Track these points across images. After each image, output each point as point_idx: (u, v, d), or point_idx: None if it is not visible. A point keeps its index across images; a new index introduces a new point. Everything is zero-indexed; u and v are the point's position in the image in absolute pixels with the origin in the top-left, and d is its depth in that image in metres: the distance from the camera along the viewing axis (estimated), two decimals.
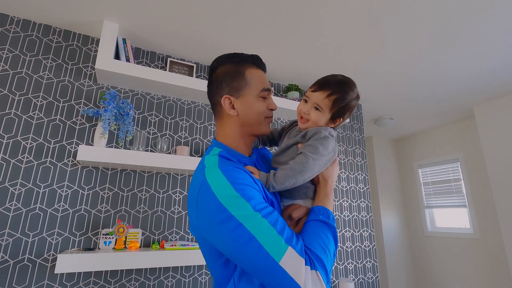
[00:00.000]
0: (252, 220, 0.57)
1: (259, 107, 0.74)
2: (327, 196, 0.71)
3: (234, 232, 0.57)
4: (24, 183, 1.51)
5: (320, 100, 0.74)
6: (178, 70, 1.98)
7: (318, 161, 0.69)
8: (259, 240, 0.55)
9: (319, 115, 0.75)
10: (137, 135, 1.71)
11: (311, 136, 0.72)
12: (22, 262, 1.43)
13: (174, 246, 1.59)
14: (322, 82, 0.76)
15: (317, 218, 0.65)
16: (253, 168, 0.69)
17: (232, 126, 0.75)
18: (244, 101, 0.73)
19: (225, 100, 0.73)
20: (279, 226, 0.58)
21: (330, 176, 0.74)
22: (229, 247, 0.58)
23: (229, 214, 0.57)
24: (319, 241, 0.61)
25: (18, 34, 1.67)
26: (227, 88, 0.74)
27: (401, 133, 4.02)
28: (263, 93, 0.75)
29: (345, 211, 2.48)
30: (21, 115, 1.57)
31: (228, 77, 0.74)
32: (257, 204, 0.59)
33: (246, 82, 0.73)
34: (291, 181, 0.67)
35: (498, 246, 3.01)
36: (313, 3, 1.56)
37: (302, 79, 2.42)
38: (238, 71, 0.74)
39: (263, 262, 0.54)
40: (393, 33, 1.81)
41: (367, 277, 2.43)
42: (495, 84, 2.49)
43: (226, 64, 0.75)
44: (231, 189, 0.59)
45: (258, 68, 0.77)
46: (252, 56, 0.77)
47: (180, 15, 1.66)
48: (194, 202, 0.64)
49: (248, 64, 0.75)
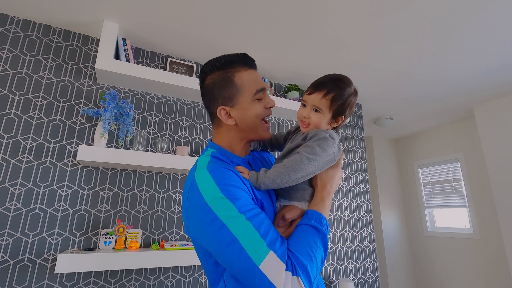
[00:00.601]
0: (235, 221, 0.56)
1: (256, 111, 0.72)
2: (323, 200, 0.69)
3: (217, 233, 0.57)
4: (24, 183, 1.51)
5: (318, 101, 0.74)
6: (178, 70, 1.98)
7: (314, 161, 0.67)
8: (241, 243, 0.55)
9: (319, 117, 0.74)
10: (137, 135, 1.71)
11: (311, 138, 0.71)
12: (22, 262, 1.43)
13: (174, 246, 1.59)
14: (316, 83, 0.76)
15: (309, 223, 0.64)
16: (242, 168, 0.69)
17: (231, 133, 0.74)
18: (240, 108, 0.71)
19: (221, 112, 0.72)
20: (264, 229, 0.57)
21: (329, 180, 0.72)
22: (214, 248, 0.59)
23: (214, 215, 0.58)
24: (305, 247, 0.59)
25: (18, 34, 1.67)
26: (220, 99, 0.71)
27: (401, 133, 4.02)
28: (257, 95, 0.72)
29: (345, 211, 2.48)
30: (21, 115, 1.57)
31: (218, 87, 0.71)
32: (243, 205, 0.59)
33: (238, 89, 0.71)
34: (283, 179, 0.65)
35: (498, 246, 3.01)
36: (314, 3, 1.56)
37: (302, 79, 2.42)
38: (227, 78, 0.71)
39: (244, 265, 0.54)
40: (393, 33, 1.81)
41: (367, 277, 2.43)
42: (495, 83, 2.49)
43: (214, 72, 0.73)
44: (217, 190, 0.59)
45: (247, 69, 0.73)
46: (238, 56, 0.73)
47: (180, 15, 1.66)
48: (185, 203, 0.65)
49: (236, 67, 0.72)
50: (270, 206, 0.70)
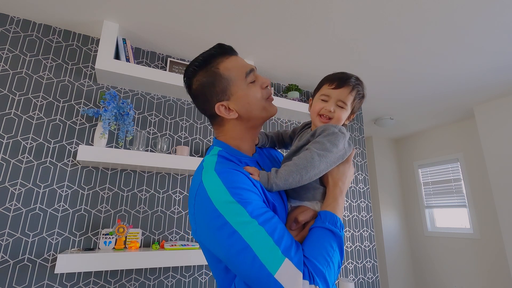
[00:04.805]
0: (248, 227, 0.53)
1: (256, 94, 0.70)
2: (336, 200, 0.65)
3: (228, 239, 0.54)
4: (24, 183, 1.51)
5: (345, 95, 0.72)
6: (178, 70, 1.98)
7: (325, 157, 0.64)
8: (254, 250, 0.51)
9: (343, 112, 0.73)
10: (137, 135, 1.71)
11: (320, 133, 0.69)
12: (22, 262, 1.42)
13: (174, 246, 1.59)
14: (342, 78, 0.74)
15: (323, 225, 0.60)
16: (252, 169, 0.65)
17: (237, 128, 0.71)
18: (238, 98, 0.68)
19: (220, 108, 0.68)
20: (278, 234, 0.54)
21: (340, 177, 0.69)
22: (224, 254, 0.55)
23: (224, 220, 0.54)
24: (322, 252, 0.55)
25: (18, 34, 1.67)
26: (214, 97, 0.68)
27: (401, 133, 4.02)
28: (249, 78, 0.69)
29: (345, 211, 2.48)
30: (21, 115, 1.57)
31: (208, 86, 0.68)
32: (255, 209, 0.55)
33: (227, 80, 0.68)
34: (295, 178, 0.62)
35: (498, 246, 3.01)
36: (315, 4, 1.56)
37: (302, 79, 2.42)
38: (213, 73, 0.68)
39: (257, 274, 0.51)
40: (393, 33, 1.81)
41: (367, 277, 2.43)
42: (495, 83, 2.49)
43: (197, 74, 0.70)
44: (227, 194, 0.56)
45: (228, 56, 0.70)
46: (214, 49, 0.71)
47: (180, 15, 1.66)
48: (192, 206, 0.62)
49: (216, 60, 0.69)
50: (282, 208, 0.67)
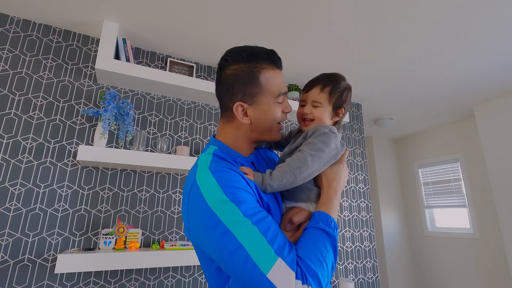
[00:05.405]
0: (241, 226, 0.53)
1: (275, 114, 0.68)
2: (330, 200, 0.65)
3: (221, 238, 0.53)
4: (24, 183, 1.51)
5: (316, 95, 0.76)
6: (178, 70, 1.98)
7: (318, 157, 0.64)
8: (246, 249, 0.51)
9: (321, 110, 0.75)
10: (137, 135, 1.71)
11: (311, 135, 0.70)
12: (22, 262, 1.43)
13: (174, 246, 1.59)
14: (311, 81, 0.79)
15: (317, 226, 0.60)
16: (247, 169, 0.65)
17: (241, 131, 0.70)
18: (259, 109, 0.67)
19: (238, 108, 0.66)
20: (271, 234, 0.54)
21: (334, 178, 0.69)
22: (217, 253, 0.55)
23: (217, 219, 0.54)
24: (315, 252, 0.56)
25: (18, 34, 1.67)
26: (240, 94, 0.66)
27: (401, 133, 4.02)
28: (279, 98, 0.68)
29: (345, 211, 2.48)
30: (21, 115, 1.57)
31: (241, 82, 0.66)
32: (248, 209, 0.55)
33: (261, 88, 0.66)
34: (289, 178, 0.63)
35: (498, 246, 3.01)
36: (315, 4, 1.56)
37: (302, 79, 2.42)
38: (252, 74, 0.66)
39: (250, 273, 0.51)
40: (393, 33, 1.81)
41: (367, 277, 2.43)
42: (495, 83, 2.49)
43: (237, 63, 0.67)
44: (221, 192, 0.56)
45: (274, 68, 0.69)
46: (267, 52, 0.69)
47: (180, 15, 1.66)
48: (186, 204, 0.62)
49: (263, 64, 0.67)
50: (276, 209, 0.67)
